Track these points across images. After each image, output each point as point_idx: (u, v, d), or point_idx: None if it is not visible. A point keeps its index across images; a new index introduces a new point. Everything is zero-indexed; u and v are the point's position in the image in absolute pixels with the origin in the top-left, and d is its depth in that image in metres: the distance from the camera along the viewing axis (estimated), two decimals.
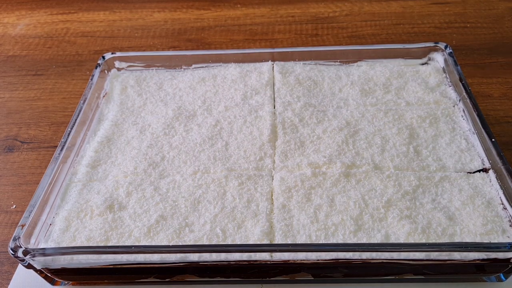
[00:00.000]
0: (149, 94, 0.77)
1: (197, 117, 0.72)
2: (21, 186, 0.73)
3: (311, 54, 0.79)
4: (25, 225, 0.55)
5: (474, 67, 0.90)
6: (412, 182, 0.60)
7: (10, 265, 0.63)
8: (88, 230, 0.57)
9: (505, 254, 0.51)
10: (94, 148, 0.68)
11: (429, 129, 0.67)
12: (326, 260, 0.52)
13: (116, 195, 0.61)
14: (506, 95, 0.83)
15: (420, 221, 0.56)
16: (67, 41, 1.05)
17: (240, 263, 0.53)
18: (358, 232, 0.55)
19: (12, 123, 0.84)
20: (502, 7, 1.06)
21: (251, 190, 0.61)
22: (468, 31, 1.00)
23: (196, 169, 0.64)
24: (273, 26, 1.05)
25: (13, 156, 0.78)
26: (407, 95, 0.73)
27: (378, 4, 1.10)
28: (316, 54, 0.79)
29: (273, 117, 0.71)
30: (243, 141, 0.67)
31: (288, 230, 0.56)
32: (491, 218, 0.55)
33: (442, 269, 0.54)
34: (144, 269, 0.55)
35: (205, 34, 1.04)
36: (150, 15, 1.12)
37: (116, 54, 0.80)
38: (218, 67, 0.81)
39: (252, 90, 0.76)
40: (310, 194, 0.59)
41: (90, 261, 0.53)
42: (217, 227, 0.56)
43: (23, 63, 0.99)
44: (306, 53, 0.79)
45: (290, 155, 0.65)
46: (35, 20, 1.13)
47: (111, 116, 0.74)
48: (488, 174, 0.61)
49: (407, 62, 0.79)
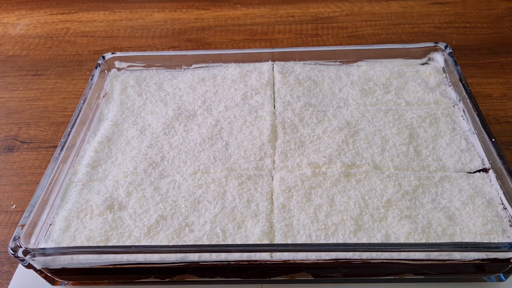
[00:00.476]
0: (149, 94, 0.77)
1: (197, 117, 0.72)
2: (21, 186, 0.73)
3: (311, 54, 0.79)
4: (25, 225, 0.55)
5: (474, 67, 0.90)
6: (412, 182, 0.60)
7: (10, 265, 0.63)
8: (88, 230, 0.57)
9: (505, 254, 0.51)
10: (94, 148, 0.68)
11: (429, 129, 0.67)
12: (326, 260, 0.52)
13: (116, 195, 0.61)
14: (506, 95, 0.83)
15: (420, 221, 0.56)
16: (67, 41, 1.05)
17: (240, 263, 0.53)
18: (358, 232, 0.55)
19: (12, 123, 0.84)
20: (502, 7, 1.06)
21: (251, 190, 0.61)
22: (468, 31, 1.00)
23: (196, 169, 0.64)
24: (273, 26, 1.05)
25: (13, 156, 0.78)
26: (407, 95, 0.73)
27: (378, 4, 1.10)
28: (316, 54, 0.79)
29: (273, 117, 0.71)
30: (243, 141, 0.67)
31: (288, 230, 0.56)
32: (491, 218, 0.55)
33: (442, 269, 0.54)
34: (144, 269, 0.55)
35: (205, 34, 1.04)
36: (150, 15, 1.12)
37: (116, 54, 0.80)
38: (218, 67, 0.81)
39: (252, 90, 0.76)
40: (310, 194, 0.59)
41: (90, 261, 0.53)
42: (217, 227, 0.56)
43: (23, 63, 0.99)
44: (306, 53, 0.79)
45: (290, 155, 0.65)
46: (35, 20, 1.13)
47: (111, 116, 0.74)
48: (488, 174, 0.61)
49: (407, 62, 0.79)
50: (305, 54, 0.80)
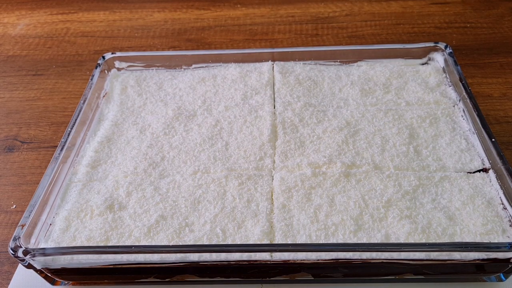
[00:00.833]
0: (149, 94, 0.77)
1: (197, 117, 0.72)
2: (21, 186, 0.73)
3: (311, 54, 0.79)
4: (25, 225, 0.55)
5: (474, 67, 0.90)
6: (412, 182, 0.60)
7: (10, 265, 0.63)
8: (88, 230, 0.57)
9: (505, 254, 0.51)
10: (94, 148, 0.68)
11: (429, 129, 0.67)
12: (326, 260, 0.52)
13: (116, 195, 0.61)
14: (506, 95, 0.83)
15: (420, 221, 0.56)
16: (67, 41, 1.05)
17: (240, 263, 0.53)
18: (358, 232, 0.55)
19: (12, 123, 0.84)
20: (502, 7, 1.06)
21: (251, 190, 0.61)
22: (468, 31, 1.00)
23: (196, 169, 0.64)
24: (273, 26, 1.05)
25: (13, 156, 0.78)
26: (407, 95, 0.73)
27: (378, 4, 1.10)
28: (316, 54, 0.79)
29: (273, 117, 0.71)
30: (243, 141, 0.67)
31: (288, 230, 0.56)
32: (491, 218, 0.55)
33: (442, 269, 0.54)
34: (144, 269, 0.55)
35: (205, 34, 1.04)
36: (150, 15, 1.12)
37: (116, 54, 0.80)
38: (218, 67, 0.81)
39: (252, 90, 0.76)
40: (310, 194, 0.59)
41: (90, 261, 0.53)
42: (217, 227, 0.56)
43: (23, 63, 0.99)
44: (306, 53, 0.79)
45: (290, 155, 0.65)
46: (35, 20, 1.13)
47: (111, 116, 0.74)
48: (488, 174, 0.61)
49: (407, 62, 0.79)
50: (305, 54, 0.80)
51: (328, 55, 0.79)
